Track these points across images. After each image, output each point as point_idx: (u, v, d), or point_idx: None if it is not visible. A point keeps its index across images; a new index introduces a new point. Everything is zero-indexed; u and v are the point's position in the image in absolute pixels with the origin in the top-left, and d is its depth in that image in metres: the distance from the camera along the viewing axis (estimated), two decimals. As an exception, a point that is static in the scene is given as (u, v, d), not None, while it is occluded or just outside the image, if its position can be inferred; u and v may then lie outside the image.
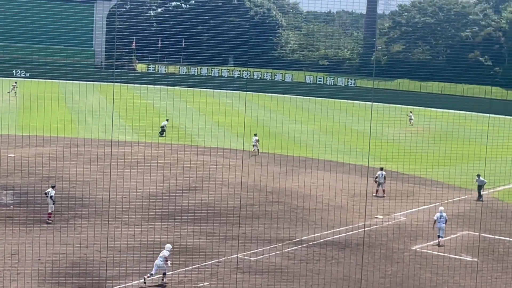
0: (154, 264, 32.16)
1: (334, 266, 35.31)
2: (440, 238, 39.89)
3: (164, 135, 71.43)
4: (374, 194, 50.31)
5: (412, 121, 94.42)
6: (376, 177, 50.53)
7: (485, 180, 50.89)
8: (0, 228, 38.26)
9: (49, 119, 60.51)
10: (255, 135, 65.76)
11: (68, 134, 62.68)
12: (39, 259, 33.79)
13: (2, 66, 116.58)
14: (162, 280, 32.00)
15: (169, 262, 32.38)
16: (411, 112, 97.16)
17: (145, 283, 31.52)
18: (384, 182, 50.74)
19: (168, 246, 33.03)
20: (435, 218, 40.18)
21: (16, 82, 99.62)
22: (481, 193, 50.81)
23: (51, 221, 40.00)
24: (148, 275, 31.82)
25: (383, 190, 50.53)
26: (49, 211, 40.32)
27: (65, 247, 35.11)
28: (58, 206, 41.46)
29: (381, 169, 51.24)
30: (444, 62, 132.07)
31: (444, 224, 39.94)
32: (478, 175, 50.81)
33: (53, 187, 41.08)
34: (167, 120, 74.45)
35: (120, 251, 35.42)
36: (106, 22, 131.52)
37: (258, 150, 64.94)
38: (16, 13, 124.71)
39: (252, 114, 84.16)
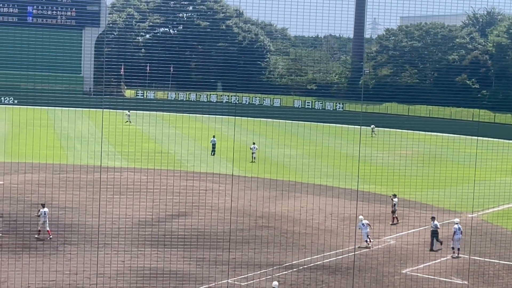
0: (363, 234, 42.32)
1: (325, 291, 35.26)
2: (457, 250, 42.03)
3: (213, 153, 75.53)
4: (391, 223, 49.44)
5: (374, 133, 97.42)
6: (394, 205, 49.64)
7: (439, 225, 44.91)
8: (-11, 255, 38.11)
9: (38, 146, 60.48)
10: (254, 143, 71.80)
11: (57, 160, 62.51)
12: (28, 287, 33.62)
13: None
14: (370, 241, 42.67)
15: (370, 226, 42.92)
16: (373, 126, 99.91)
17: (366, 242, 42.34)
18: (397, 209, 50.20)
19: (361, 217, 42.40)
20: (454, 230, 42.28)
21: (129, 111, 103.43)
22: (438, 239, 43.77)
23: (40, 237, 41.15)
24: (367, 240, 42.28)
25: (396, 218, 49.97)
26: (46, 229, 41.43)
27: (55, 274, 34.96)
28: (45, 233, 41.56)
29: (395, 196, 50.35)
30: (431, 86, 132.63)
31: (461, 235, 42.26)
32: (433, 218, 44.71)
33: (43, 205, 42.22)
34: (213, 136, 77.55)
35: (110, 278, 35.28)
36: (94, 49, 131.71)
37: (254, 157, 70.15)
38: (4, 40, 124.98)
39: (241, 139, 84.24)
